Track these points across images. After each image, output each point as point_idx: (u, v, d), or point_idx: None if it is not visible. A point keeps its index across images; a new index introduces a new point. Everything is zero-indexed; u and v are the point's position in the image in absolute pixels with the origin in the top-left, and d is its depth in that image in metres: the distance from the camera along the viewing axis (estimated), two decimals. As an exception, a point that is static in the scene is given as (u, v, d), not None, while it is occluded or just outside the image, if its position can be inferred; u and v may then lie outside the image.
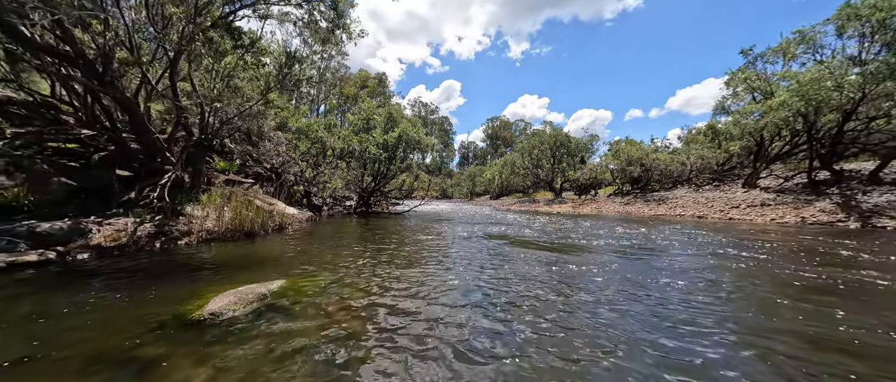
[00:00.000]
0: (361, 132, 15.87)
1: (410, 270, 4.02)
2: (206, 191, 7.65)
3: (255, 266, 4.15)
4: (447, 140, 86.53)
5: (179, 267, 3.98)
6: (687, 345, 2.17)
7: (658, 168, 21.14)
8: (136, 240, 4.97)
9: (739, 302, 3.05)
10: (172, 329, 2.20)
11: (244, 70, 5.75)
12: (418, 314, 2.60)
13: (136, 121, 6.16)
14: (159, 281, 3.32)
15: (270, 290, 2.69)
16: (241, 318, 2.37)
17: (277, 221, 8.06)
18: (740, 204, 13.85)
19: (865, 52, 10.87)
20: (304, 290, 3.02)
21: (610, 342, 2.19)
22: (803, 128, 12.53)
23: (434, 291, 3.16)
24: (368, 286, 3.31)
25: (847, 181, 12.77)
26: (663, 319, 2.59)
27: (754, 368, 1.92)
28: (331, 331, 2.27)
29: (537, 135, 32.99)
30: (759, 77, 15.25)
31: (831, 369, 1.91)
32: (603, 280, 3.71)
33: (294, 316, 2.48)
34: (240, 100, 6.07)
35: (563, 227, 9.88)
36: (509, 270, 4.02)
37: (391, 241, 6.71)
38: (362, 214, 15.08)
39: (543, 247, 6.07)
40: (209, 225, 6.23)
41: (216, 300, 2.39)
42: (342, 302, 2.82)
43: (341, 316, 2.53)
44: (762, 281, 3.76)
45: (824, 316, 2.68)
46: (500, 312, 2.68)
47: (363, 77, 51.72)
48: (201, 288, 2.94)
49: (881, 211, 9.92)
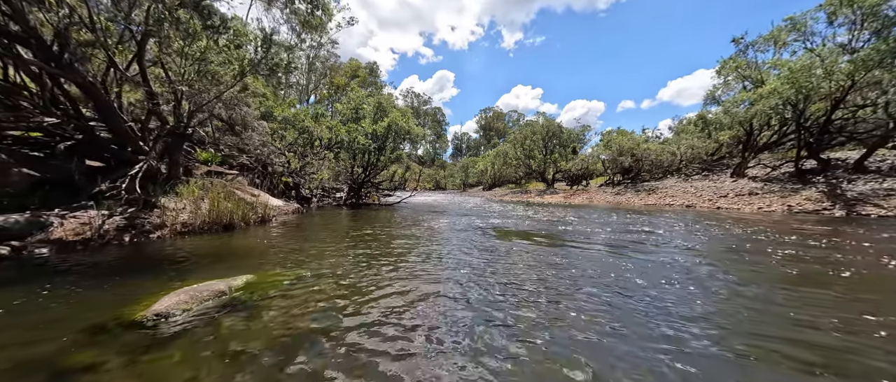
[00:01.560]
0: (350, 122, 15.49)
1: (391, 265, 3.84)
2: (185, 182, 7.34)
3: (227, 260, 3.93)
4: (440, 131, 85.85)
5: (144, 263, 3.75)
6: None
7: (649, 158, 21.21)
8: (103, 234, 4.70)
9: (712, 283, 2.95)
10: (110, 333, 1.97)
11: (217, 54, 5.41)
12: (393, 318, 2.35)
13: (102, 108, 5.80)
14: (116, 277, 3.08)
15: (232, 287, 2.46)
16: (190, 319, 2.15)
17: (260, 213, 7.80)
18: (729, 194, 13.95)
19: (855, 39, 10.86)
20: (270, 287, 2.79)
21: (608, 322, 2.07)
22: (793, 116, 12.58)
23: (415, 293, 2.83)
24: (343, 283, 3.05)
25: (833, 170, 12.92)
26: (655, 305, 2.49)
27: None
28: (290, 335, 2.04)
29: (530, 125, 32.85)
30: (749, 66, 15.22)
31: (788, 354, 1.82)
32: (593, 272, 3.60)
33: (252, 316, 2.26)
34: (214, 87, 5.74)
35: (554, 217, 9.80)
36: (501, 272, 3.86)
37: (377, 234, 6.53)
38: (353, 206, 14.83)
39: (534, 239, 5.96)
40: (185, 217, 5.96)
41: (166, 299, 2.17)
42: (310, 300, 2.58)
43: (306, 317, 2.30)
44: (735, 264, 3.68)
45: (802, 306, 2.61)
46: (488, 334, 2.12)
47: (354, 66, 50.58)
48: (159, 285, 2.70)
49: (866, 200, 10.04)
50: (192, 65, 5.58)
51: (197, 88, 5.62)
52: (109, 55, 5.81)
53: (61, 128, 6.29)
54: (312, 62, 42.18)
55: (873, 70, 9.33)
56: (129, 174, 5.62)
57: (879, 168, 12.05)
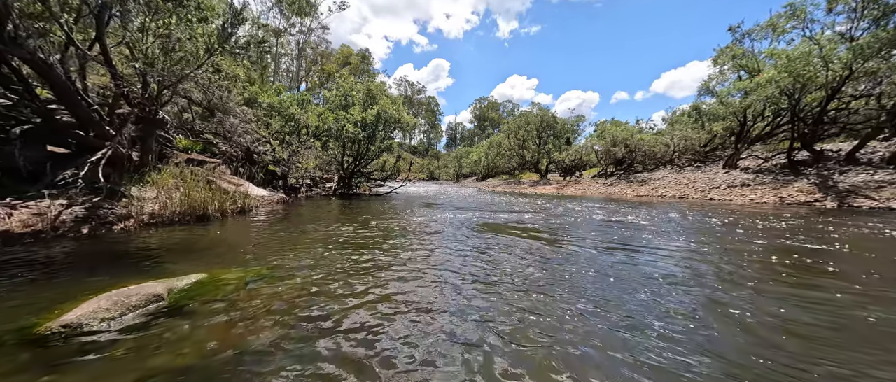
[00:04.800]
0: (339, 109, 14.99)
1: (368, 263, 3.56)
2: (159, 170, 6.93)
3: (188, 255, 3.61)
4: (434, 121, 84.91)
5: (93, 258, 3.40)
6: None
7: (642, 149, 21.10)
8: (57, 226, 4.33)
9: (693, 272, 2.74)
10: (5, 350, 1.64)
11: (182, 29, 4.95)
12: (364, 334, 1.94)
13: (59, 90, 5.34)
14: (52, 276, 2.72)
15: (172, 289, 2.12)
16: (107, 331, 1.79)
17: (239, 204, 7.44)
18: (721, 185, 13.90)
19: (855, 28, 10.67)
20: (221, 289, 2.44)
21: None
22: (788, 106, 12.45)
23: (390, 303, 2.37)
24: (309, 285, 2.65)
25: (825, 161, 12.89)
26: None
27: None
28: (229, 350, 1.69)
29: (524, 115, 32.51)
30: (746, 55, 15.01)
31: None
32: (586, 272, 3.36)
33: (189, 326, 1.91)
34: (179, 66, 5.29)
35: (546, 210, 9.60)
36: (492, 274, 3.59)
37: (361, 225, 6.23)
38: (343, 196, 14.48)
39: (525, 234, 5.73)
40: (154, 208, 5.59)
41: (84, 305, 1.82)
42: (264, 307, 2.22)
43: (257, 326, 1.95)
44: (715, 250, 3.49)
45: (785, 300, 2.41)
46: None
47: (345, 53, 49.28)
48: (97, 286, 2.37)
49: (857, 191, 10.00)
50: (154, 41, 5.13)
51: (161, 67, 5.18)
52: (66, 31, 5.32)
53: (16, 111, 5.82)
54: (302, 48, 40.99)
55: (872, 59, 9.15)
56: (89, 160, 5.20)
57: (871, 159, 12.03)
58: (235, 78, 7.83)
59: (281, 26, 35.84)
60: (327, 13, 39.72)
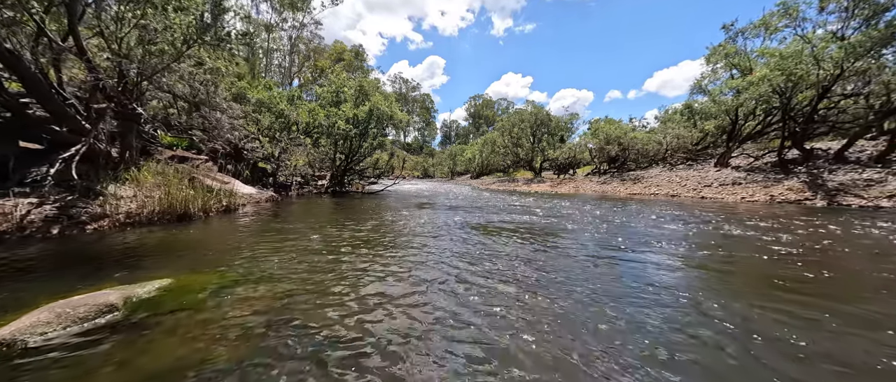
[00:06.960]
0: (330, 106, 14.72)
1: (350, 268, 3.41)
2: (140, 167, 6.68)
3: (162, 258, 3.41)
4: (429, 118, 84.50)
5: (57, 261, 3.20)
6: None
7: (635, 147, 21.16)
8: (24, 226, 4.10)
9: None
10: None
11: (157, 20, 4.71)
12: (341, 349, 1.75)
13: (28, 83, 5.07)
14: (7, 282, 2.53)
15: (130, 298, 1.92)
16: (44, 347, 1.60)
17: (225, 202, 7.21)
18: (712, 183, 13.96)
19: (846, 26, 10.73)
20: (188, 296, 2.26)
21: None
22: (780, 105, 12.51)
23: (372, 316, 2.15)
24: (283, 294, 2.41)
25: (814, 160, 13.00)
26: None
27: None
28: (186, 372, 1.49)
29: (518, 113, 32.41)
30: (739, 53, 15.06)
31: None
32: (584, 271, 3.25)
33: (142, 342, 1.71)
34: (156, 57, 5.05)
35: (542, 207, 9.53)
36: (483, 283, 3.46)
37: (351, 224, 6.07)
38: (335, 194, 14.26)
39: (517, 235, 5.62)
40: (132, 206, 5.36)
41: (24, 318, 1.62)
42: (235, 315, 2.03)
43: (222, 340, 1.75)
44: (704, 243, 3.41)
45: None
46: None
47: (339, 49, 48.63)
48: (49, 293, 2.13)
49: (846, 190, 10.08)
50: (129, 32, 4.88)
51: (138, 59, 4.93)
52: (36, 20, 5.05)
53: (-17, 105, 5.52)
54: (295, 43, 40.35)
55: (862, 58, 9.19)
56: (61, 157, 4.95)
57: (859, 158, 12.15)
58: (218, 72, 7.55)
59: (273, 21, 35.25)
60: (320, 8, 39.03)
